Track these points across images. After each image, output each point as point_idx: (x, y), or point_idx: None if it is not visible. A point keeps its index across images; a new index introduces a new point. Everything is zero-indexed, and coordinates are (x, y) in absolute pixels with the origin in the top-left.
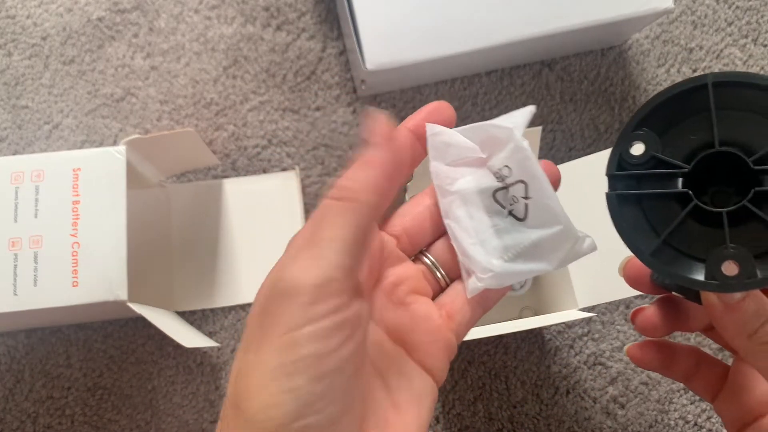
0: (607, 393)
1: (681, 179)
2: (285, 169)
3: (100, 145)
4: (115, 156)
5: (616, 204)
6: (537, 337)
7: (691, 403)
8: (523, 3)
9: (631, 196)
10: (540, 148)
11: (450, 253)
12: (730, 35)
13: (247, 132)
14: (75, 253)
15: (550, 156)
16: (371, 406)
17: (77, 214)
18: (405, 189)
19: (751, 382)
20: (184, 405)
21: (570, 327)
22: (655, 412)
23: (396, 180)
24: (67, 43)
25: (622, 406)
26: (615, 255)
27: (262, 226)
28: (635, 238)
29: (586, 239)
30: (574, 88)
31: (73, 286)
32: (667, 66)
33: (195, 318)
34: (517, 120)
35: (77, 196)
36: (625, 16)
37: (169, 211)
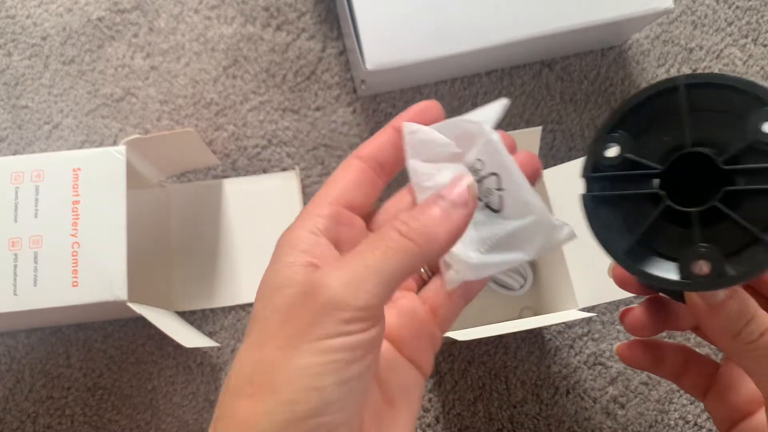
0: (607, 393)
1: (657, 180)
2: (285, 169)
3: (100, 145)
4: (115, 156)
5: (590, 205)
6: (537, 337)
7: (691, 403)
8: (523, 3)
9: (606, 197)
10: (540, 148)
11: None
12: (730, 35)
13: (247, 132)
14: (75, 253)
15: (550, 156)
16: (368, 401)
17: (77, 214)
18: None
19: (740, 380)
20: (184, 405)
21: (570, 327)
22: (655, 412)
23: (456, 238)
24: (67, 43)
25: (622, 406)
26: None
27: (262, 226)
28: (609, 239)
29: (563, 228)
30: (574, 88)
31: (73, 286)
32: (667, 66)
33: (195, 318)
34: (487, 114)
35: (77, 196)
36: (625, 16)
37: (169, 211)
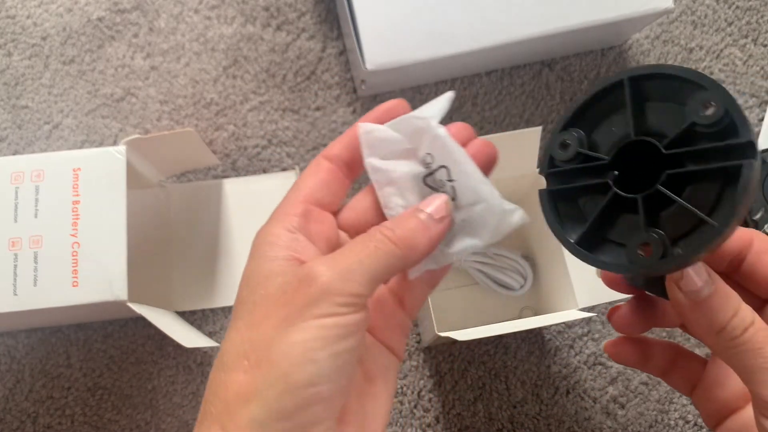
0: (607, 393)
1: (614, 173)
2: (285, 169)
3: (100, 145)
4: (115, 156)
5: (545, 200)
6: (537, 337)
7: (691, 403)
8: (523, 3)
9: (561, 192)
10: (540, 147)
11: None
12: (730, 35)
13: (247, 132)
14: (75, 253)
15: None
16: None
17: (77, 214)
18: None
19: (727, 376)
20: (184, 405)
21: (570, 327)
22: (655, 412)
23: (434, 247)
24: (67, 43)
25: (622, 406)
26: None
27: None
28: (564, 230)
29: (515, 212)
30: (574, 88)
31: (73, 286)
32: None
33: (195, 318)
34: (435, 109)
35: (77, 196)
36: (625, 16)
37: (169, 211)
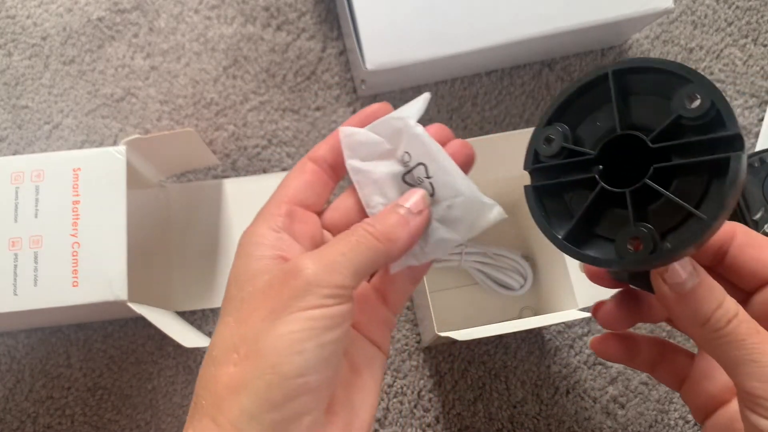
0: (607, 393)
1: (600, 167)
2: (285, 169)
3: (100, 145)
4: (115, 156)
5: (531, 196)
6: (537, 337)
7: None
8: (523, 3)
9: (547, 187)
10: None
11: None
12: (730, 35)
13: (247, 132)
14: (75, 253)
15: None
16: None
17: (77, 214)
18: None
19: (715, 369)
20: (184, 405)
21: (570, 327)
22: (655, 412)
23: (414, 241)
24: (67, 43)
25: (622, 406)
26: None
27: None
28: (550, 225)
29: (493, 208)
30: None
31: (73, 286)
32: None
33: (195, 318)
34: (412, 109)
35: (77, 196)
36: (625, 16)
37: (169, 211)
